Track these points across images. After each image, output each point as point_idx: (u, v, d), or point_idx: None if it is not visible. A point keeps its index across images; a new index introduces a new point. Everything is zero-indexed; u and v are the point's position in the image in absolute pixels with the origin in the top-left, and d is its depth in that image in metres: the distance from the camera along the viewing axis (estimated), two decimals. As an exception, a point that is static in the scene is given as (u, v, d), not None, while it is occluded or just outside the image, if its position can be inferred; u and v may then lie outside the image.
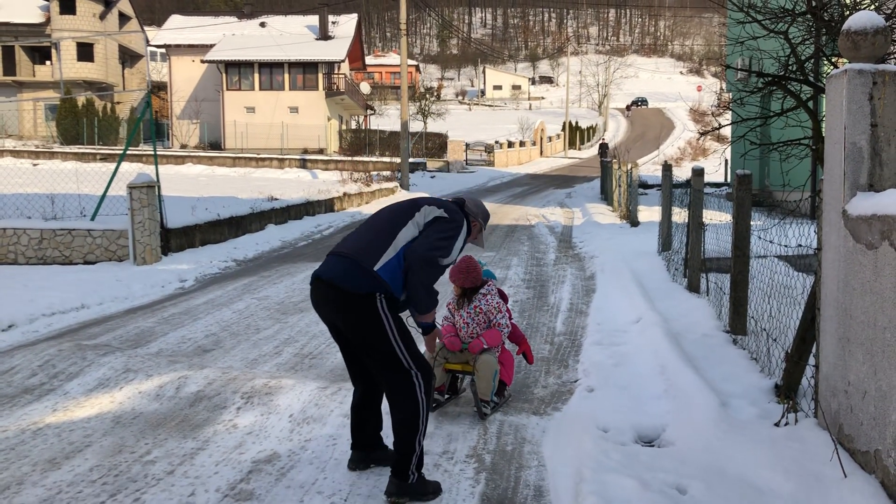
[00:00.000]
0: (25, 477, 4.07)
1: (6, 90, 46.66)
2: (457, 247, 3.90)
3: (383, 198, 25.36)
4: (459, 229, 3.93)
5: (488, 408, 4.92)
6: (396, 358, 3.74)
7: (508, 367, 5.25)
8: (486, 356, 4.90)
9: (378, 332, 3.70)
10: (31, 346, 6.81)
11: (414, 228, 3.83)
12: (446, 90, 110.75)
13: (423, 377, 3.78)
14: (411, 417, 3.72)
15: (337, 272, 3.74)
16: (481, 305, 5.03)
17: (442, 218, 3.89)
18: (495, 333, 5.01)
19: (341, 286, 3.69)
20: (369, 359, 3.79)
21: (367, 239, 3.82)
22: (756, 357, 5.77)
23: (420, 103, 52.42)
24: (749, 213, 6.40)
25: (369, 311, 3.68)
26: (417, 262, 3.73)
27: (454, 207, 4.04)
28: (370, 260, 3.70)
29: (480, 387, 4.87)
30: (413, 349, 3.80)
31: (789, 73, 7.17)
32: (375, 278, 3.67)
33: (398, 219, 3.87)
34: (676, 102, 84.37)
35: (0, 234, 11.44)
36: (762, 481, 3.82)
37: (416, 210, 3.90)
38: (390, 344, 3.72)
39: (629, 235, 14.67)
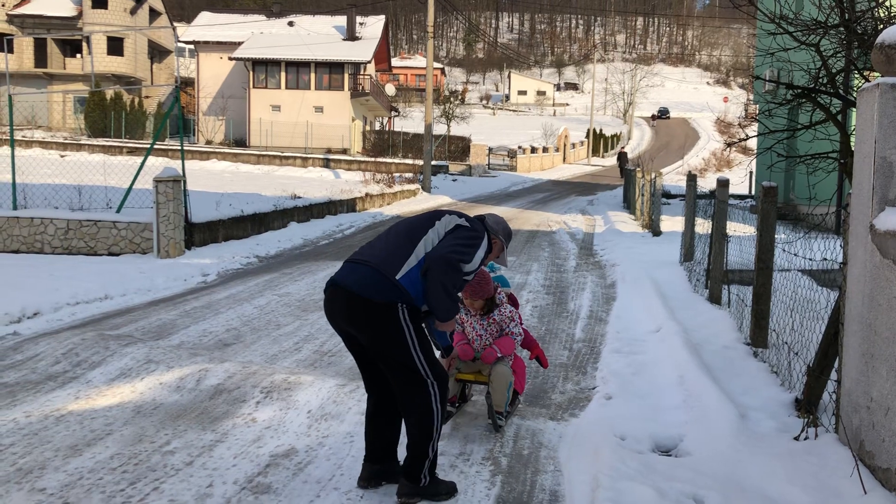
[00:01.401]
0: (48, 462, 4.13)
1: (37, 82, 47.34)
2: (478, 256, 3.80)
3: (405, 199, 25.43)
4: (480, 239, 3.84)
5: (503, 419, 4.79)
6: (415, 368, 3.67)
7: (521, 376, 5.12)
8: (501, 367, 4.76)
9: (399, 343, 3.62)
10: (55, 335, 6.91)
11: (434, 236, 3.74)
12: (471, 94, 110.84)
13: (438, 386, 3.71)
14: (427, 425, 3.67)
15: (357, 280, 3.63)
16: (495, 316, 4.92)
17: (463, 227, 3.82)
18: (508, 341, 4.87)
19: (362, 294, 3.57)
20: (387, 368, 3.70)
21: (388, 247, 3.72)
22: (777, 370, 5.73)
23: (444, 106, 52.50)
24: (774, 225, 6.36)
25: (391, 322, 3.59)
26: (438, 262, 3.62)
27: (475, 220, 3.98)
28: (392, 269, 3.61)
29: (495, 398, 4.70)
30: (431, 357, 3.73)
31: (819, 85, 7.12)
32: (398, 287, 3.58)
33: (418, 228, 3.78)
34: (702, 113, 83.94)
35: (28, 222, 11.60)
36: (780, 495, 3.79)
37: (436, 219, 3.84)
38: (410, 355, 3.65)
39: (651, 245, 14.60)
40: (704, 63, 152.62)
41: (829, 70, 7.78)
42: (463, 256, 3.70)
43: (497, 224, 4.18)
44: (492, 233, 4.10)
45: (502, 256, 4.23)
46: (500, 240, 4.16)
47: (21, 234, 11.59)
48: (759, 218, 6.40)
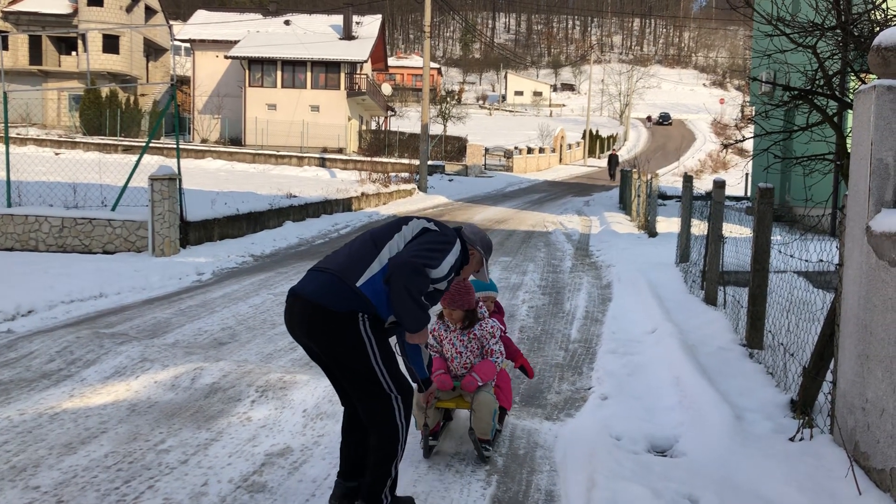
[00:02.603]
0: (42, 460, 4.12)
1: (32, 79, 47.18)
2: (447, 262, 3.49)
3: (401, 199, 25.42)
4: (450, 244, 3.54)
5: (489, 449, 4.39)
6: (377, 382, 3.42)
7: (506, 391, 4.71)
8: (483, 395, 4.29)
9: (358, 355, 3.37)
10: (49, 332, 6.88)
11: (400, 241, 3.49)
12: (467, 94, 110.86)
13: (403, 400, 3.48)
14: (389, 443, 3.44)
15: (315, 288, 3.38)
16: (475, 331, 4.46)
17: (431, 230, 3.56)
18: (489, 366, 4.40)
19: (319, 303, 3.33)
20: (347, 382, 3.46)
21: (351, 254, 3.47)
22: (772, 372, 5.73)
23: (441, 106, 52.48)
24: (770, 226, 6.37)
25: (350, 332, 3.34)
26: (399, 266, 3.33)
27: (448, 227, 3.69)
28: (353, 275, 3.36)
29: (479, 427, 4.28)
30: (395, 370, 3.48)
31: (816, 87, 7.13)
32: (358, 295, 3.33)
33: (384, 233, 3.53)
34: (698, 114, 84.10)
35: (22, 220, 11.56)
36: (775, 496, 3.79)
37: (403, 224, 3.59)
38: (371, 367, 3.40)
39: (647, 246, 14.61)
40: (701, 65, 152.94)
41: (825, 72, 7.79)
42: (428, 260, 3.41)
43: (474, 234, 3.86)
44: (469, 243, 3.80)
45: (482, 271, 3.92)
46: (479, 251, 3.84)
47: (15, 232, 11.55)
48: (756, 219, 6.41)
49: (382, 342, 3.46)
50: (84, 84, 43.83)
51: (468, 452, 4.45)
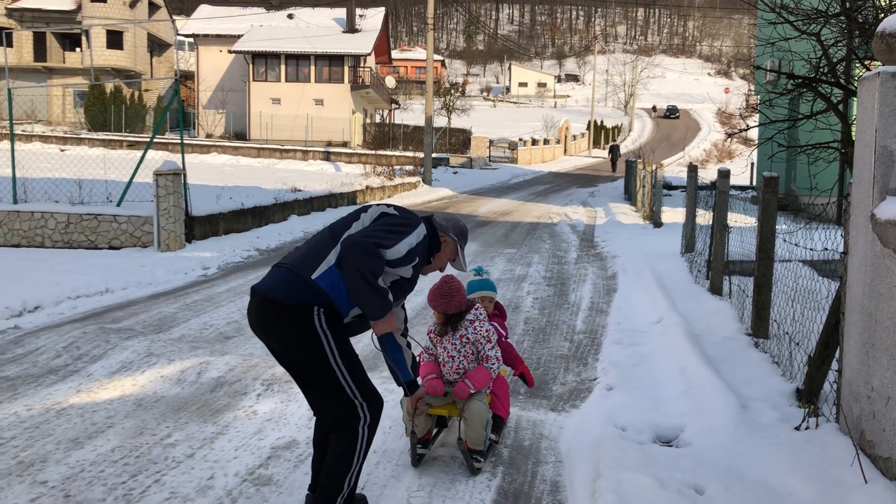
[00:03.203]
0: (49, 455, 4.14)
1: (36, 76, 47.27)
2: (405, 243, 3.26)
3: (405, 192, 25.41)
4: (410, 227, 3.33)
5: (481, 460, 4.09)
6: (337, 384, 3.20)
7: (503, 399, 4.47)
8: (475, 404, 4.03)
9: (314, 353, 3.16)
10: (56, 328, 6.91)
11: (360, 227, 3.31)
12: (471, 86, 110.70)
13: (369, 409, 3.25)
14: (347, 453, 3.22)
15: (269, 283, 3.23)
16: (468, 335, 4.14)
17: (389, 214, 3.37)
18: (483, 373, 4.11)
19: (272, 296, 3.16)
20: (305, 383, 3.27)
21: (309, 248, 3.31)
22: (778, 361, 5.73)
23: (445, 99, 52.44)
24: (775, 215, 6.34)
25: (304, 328, 3.14)
26: (349, 246, 3.14)
27: (411, 213, 3.48)
28: (308, 267, 3.19)
29: (470, 437, 4.02)
30: (358, 374, 3.26)
31: (820, 75, 7.09)
32: (313, 288, 3.15)
33: (342, 225, 3.35)
34: (703, 104, 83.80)
35: (28, 217, 11.59)
36: (781, 485, 3.79)
37: (363, 212, 3.40)
38: (329, 367, 3.18)
39: (652, 236, 14.59)
40: (705, 54, 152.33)
41: (829, 59, 7.75)
42: (381, 240, 3.19)
43: (446, 221, 3.65)
44: (440, 230, 3.58)
45: (458, 260, 3.68)
46: (451, 237, 3.61)
47: (22, 228, 11.59)
48: (760, 208, 6.39)
49: (341, 340, 3.25)
50: (88, 80, 43.92)
51: (473, 444, 4.43)
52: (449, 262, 3.68)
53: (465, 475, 4.03)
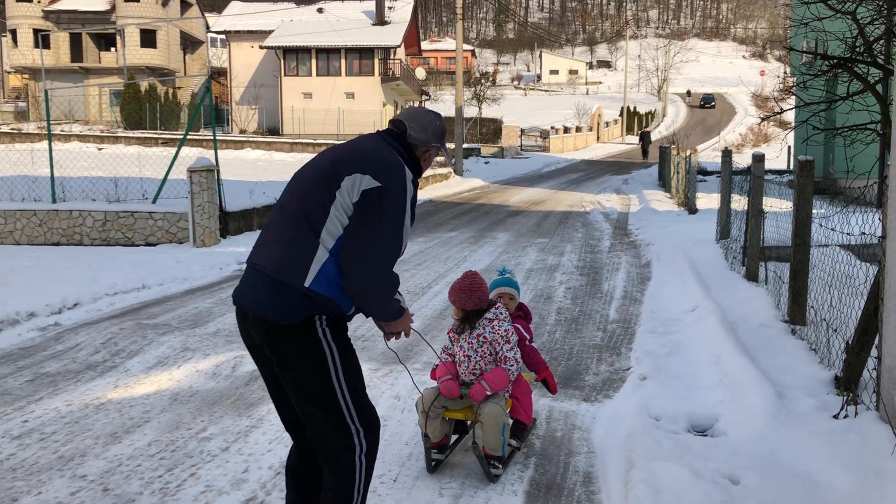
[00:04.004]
0: (88, 449, 4.22)
1: (73, 76, 48.09)
2: (406, 227, 2.84)
3: (437, 183, 25.41)
4: (401, 199, 2.81)
5: (500, 467, 3.87)
6: (336, 408, 2.82)
7: (525, 404, 4.19)
8: (491, 406, 3.79)
9: (317, 371, 2.78)
10: (94, 325, 7.04)
11: (342, 215, 2.75)
12: (502, 75, 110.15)
13: (366, 436, 2.88)
14: (346, 491, 2.87)
15: (258, 299, 2.78)
16: (485, 333, 3.90)
17: (373, 192, 2.75)
18: (500, 374, 3.87)
19: (269, 319, 2.75)
20: (300, 405, 2.87)
21: (284, 240, 2.80)
22: (815, 348, 5.62)
23: (475, 88, 52.22)
24: (811, 199, 6.22)
25: (307, 344, 2.76)
26: (364, 285, 2.75)
27: (388, 161, 2.86)
28: (297, 275, 2.72)
29: (486, 441, 3.80)
30: (360, 395, 2.89)
31: (856, 55, 6.91)
32: (309, 297, 2.72)
33: (315, 206, 2.77)
34: (738, 88, 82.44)
35: (67, 215, 11.81)
36: (819, 474, 3.72)
37: (336, 184, 2.77)
38: (331, 389, 2.80)
39: (687, 223, 14.42)
40: (740, 36, 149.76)
41: (866, 38, 7.55)
42: (390, 249, 2.77)
43: (424, 130, 3.07)
44: (419, 146, 3.06)
45: (447, 152, 3.26)
46: (434, 147, 3.11)
47: (61, 227, 11.81)
48: (796, 192, 6.27)
49: (347, 353, 2.86)
50: (123, 79, 44.57)
51: (505, 435, 4.41)
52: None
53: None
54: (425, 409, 3.85)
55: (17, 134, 36.25)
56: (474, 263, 10.56)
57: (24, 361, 5.92)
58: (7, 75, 59.55)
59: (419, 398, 3.94)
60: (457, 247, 12.22)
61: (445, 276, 9.61)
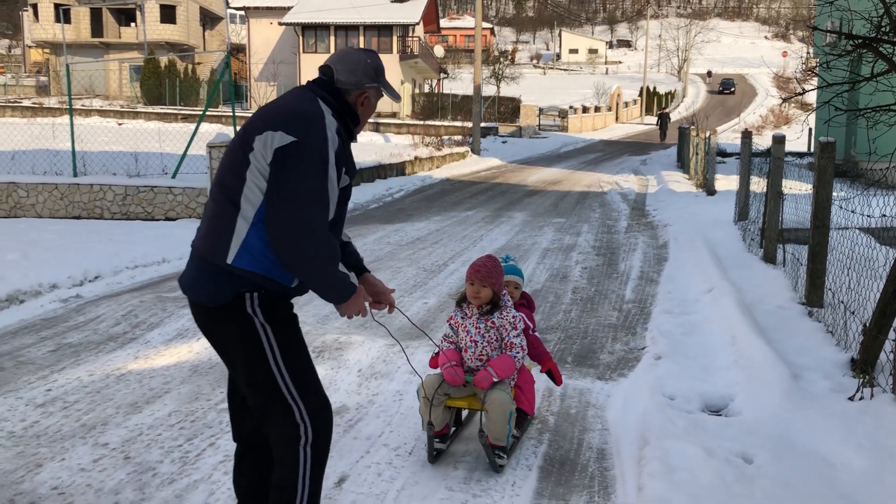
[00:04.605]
0: (109, 418, 4.30)
1: (94, 51, 48.28)
2: (331, 179, 2.54)
3: (454, 162, 25.36)
4: (322, 151, 2.52)
5: (505, 457, 3.76)
6: (277, 394, 2.63)
7: (529, 394, 4.11)
8: (498, 394, 3.68)
9: (252, 352, 2.60)
10: (115, 297, 7.14)
11: (259, 179, 2.51)
12: (521, 54, 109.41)
13: (313, 425, 2.67)
14: (288, 485, 2.67)
15: (190, 279, 2.65)
16: (494, 319, 3.80)
17: (288, 148, 2.49)
18: (507, 361, 3.76)
19: (199, 301, 2.63)
20: (245, 393, 2.74)
21: (210, 218, 2.62)
22: (832, 330, 5.61)
23: (494, 67, 51.97)
24: (831, 181, 6.18)
25: (238, 324, 2.58)
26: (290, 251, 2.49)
27: (301, 112, 2.57)
28: (219, 251, 2.53)
29: (492, 431, 3.67)
30: (305, 382, 2.68)
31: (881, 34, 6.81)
32: (235, 275, 2.54)
33: (233, 174, 2.56)
34: (760, 68, 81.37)
35: (88, 189, 11.92)
36: (833, 455, 3.74)
37: (249, 147, 2.54)
38: (269, 373, 2.61)
39: (705, 204, 14.34)
40: (762, 16, 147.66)
41: (892, 18, 7.43)
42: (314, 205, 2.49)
43: (352, 71, 2.72)
44: (352, 90, 2.72)
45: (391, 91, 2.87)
46: (369, 87, 2.76)
47: (82, 201, 11.92)
48: (816, 174, 6.22)
49: (285, 332, 2.64)
50: (143, 54, 44.68)
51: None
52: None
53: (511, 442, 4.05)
54: (428, 397, 3.72)
55: (39, 108, 36.54)
56: (491, 242, 10.58)
57: (46, 332, 6.02)
58: (28, 50, 59.86)
59: (419, 385, 3.81)
60: (473, 226, 12.23)
61: (462, 254, 9.64)
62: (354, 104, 2.75)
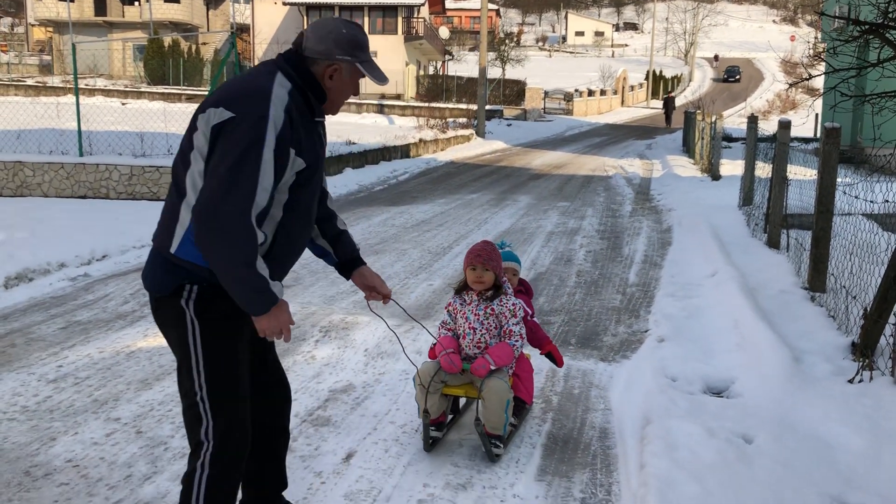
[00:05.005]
0: (121, 394, 4.38)
1: (97, 30, 48.14)
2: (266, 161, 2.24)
3: (459, 145, 25.35)
4: (260, 128, 2.24)
5: (501, 446, 3.69)
6: (192, 400, 2.43)
7: (527, 382, 4.04)
8: (495, 382, 3.61)
9: (180, 351, 2.44)
10: (123, 276, 7.21)
11: (200, 162, 2.32)
12: (527, 36, 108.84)
13: (213, 448, 2.41)
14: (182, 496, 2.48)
15: (145, 271, 2.51)
16: (493, 305, 3.75)
17: (225, 124, 2.27)
18: (505, 349, 3.70)
19: (148, 291, 2.49)
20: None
21: (165, 203, 2.46)
22: (834, 314, 5.66)
23: (499, 49, 51.70)
24: (835, 167, 6.20)
25: (172, 317, 2.42)
26: (198, 227, 2.25)
27: (245, 87, 2.33)
28: (166, 239, 2.39)
29: (489, 420, 3.60)
30: (222, 394, 2.42)
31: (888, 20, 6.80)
32: (178, 266, 2.37)
33: (183, 154, 2.38)
34: (767, 53, 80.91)
35: (94, 169, 11.97)
36: (832, 436, 3.80)
37: (193, 128, 2.35)
38: (189, 372, 2.41)
39: (710, 189, 14.35)
40: (770, 0, 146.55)
41: (900, 5, 7.42)
42: (233, 186, 2.21)
43: (322, 39, 2.41)
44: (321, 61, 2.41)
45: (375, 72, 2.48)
46: (340, 60, 2.42)
47: (87, 180, 11.97)
48: (821, 160, 6.25)
49: (213, 333, 2.40)
50: (147, 34, 44.55)
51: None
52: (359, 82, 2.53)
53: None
54: (424, 384, 3.65)
55: (42, 87, 36.50)
56: (496, 225, 10.62)
57: (56, 310, 6.10)
58: (31, 28, 59.66)
59: (415, 373, 3.74)
60: (478, 209, 12.27)
61: (466, 237, 9.68)
62: (322, 77, 2.43)
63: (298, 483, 3.39)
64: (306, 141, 2.39)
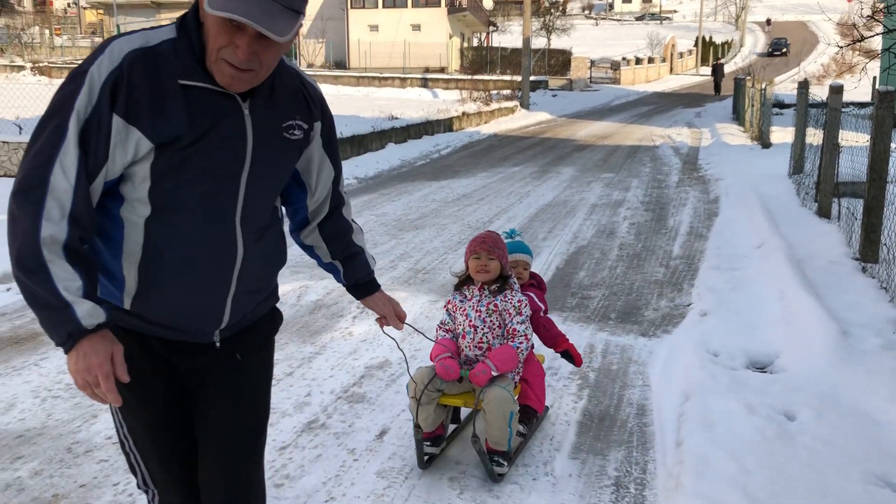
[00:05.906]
0: (162, 371, 4.45)
1: (145, 11, 48.74)
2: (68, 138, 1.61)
3: (502, 117, 25.13)
4: (55, 102, 1.66)
5: (505, 464, 3.24)
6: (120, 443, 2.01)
7: (538, 388, 3.63)
8: (497, 391, 3.18)
9: None
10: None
11: None
12: (572, 4, 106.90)
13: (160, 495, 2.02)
14: None
15: None
16: (497, 301, 3.35)
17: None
18: (508, 352, 3.29)
19: None
20: None
21: None
22: (886, 286, 5.47)
23: (544, 19, 50.89)
24: (889, 133, 5.97)
25: None
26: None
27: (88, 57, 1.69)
28: None
29: (490, 434, 3.21)
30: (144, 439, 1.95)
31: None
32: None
33: None
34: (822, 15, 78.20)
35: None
36: (879, 413, 3.68)
37: None
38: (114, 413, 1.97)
39: (759, 157, 14.00)
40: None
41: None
42: (22, 174, 1.63)
43: None
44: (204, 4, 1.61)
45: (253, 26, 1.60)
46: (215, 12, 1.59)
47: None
48: (874, 125, 6.02)
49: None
50: (193, 14, 44.93)
51: (560, 367, 4.45)
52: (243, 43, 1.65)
53: (551, 396, 4.07)
54: (416, 395, 3.27)
55: (94, 69, 37.10)
56: (538, 198, 10.51)
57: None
58: (83, 11, 60.79)
59: (409, 381, 3.36)
60: (520, 181, 12.16)
61: (507, 210, 9.61)
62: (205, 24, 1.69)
63: (332, 460, 3.41)
64: (173, 111, 1.68)
